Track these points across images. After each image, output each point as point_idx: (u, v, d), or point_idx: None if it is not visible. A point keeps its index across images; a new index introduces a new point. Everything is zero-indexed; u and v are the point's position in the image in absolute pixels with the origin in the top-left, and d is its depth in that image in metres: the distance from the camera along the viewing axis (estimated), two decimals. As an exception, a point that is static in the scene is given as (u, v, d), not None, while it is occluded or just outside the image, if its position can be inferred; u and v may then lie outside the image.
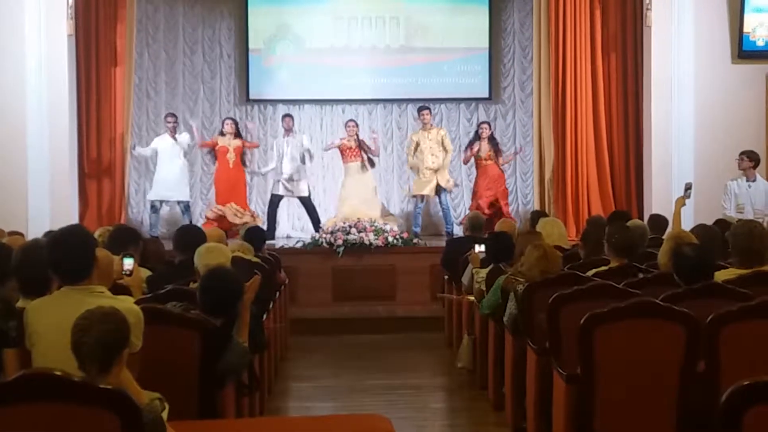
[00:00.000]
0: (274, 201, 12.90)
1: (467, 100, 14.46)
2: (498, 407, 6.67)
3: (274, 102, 14.33)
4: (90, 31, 12.37)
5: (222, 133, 12.77)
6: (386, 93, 14.30)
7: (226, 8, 14.28)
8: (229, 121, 12.84)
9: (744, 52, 11.54)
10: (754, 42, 11.51)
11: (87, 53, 12.36)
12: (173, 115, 12.97)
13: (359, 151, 12.55)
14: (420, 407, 7.31)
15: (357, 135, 12.61)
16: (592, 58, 12.45)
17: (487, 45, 14.17)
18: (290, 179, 12.60)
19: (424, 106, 13.10)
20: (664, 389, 4.44)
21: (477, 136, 12.91)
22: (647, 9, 11.82)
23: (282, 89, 14.26)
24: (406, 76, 14.22)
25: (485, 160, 12.76)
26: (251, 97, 14.24)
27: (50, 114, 11.56)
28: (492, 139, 12.91)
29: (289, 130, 12.76)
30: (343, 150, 12.64)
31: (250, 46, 14.10)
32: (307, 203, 12.84)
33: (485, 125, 13.03)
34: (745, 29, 11.46)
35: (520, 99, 14.40)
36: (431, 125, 12.90)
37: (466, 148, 13.08)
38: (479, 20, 14.16)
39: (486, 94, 14.33)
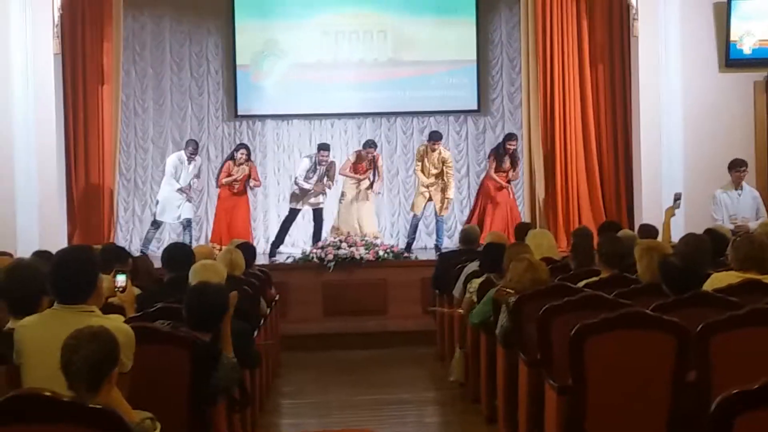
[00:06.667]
0: (293, 215, 12.77)
1: (456, 113, 14.46)
2: (491, 420, 6.66)
3: (262, 117, 14.31)
4: (76, 50, 12.35)
5: (236, 162, 12.54)
6: (375, 107, 14.29)
7: (213, 24, 14.26)
8: (242, 150, 12.69)
9: (731, 60, 11.57)
10: (741, 50, 11.54)
11: (74, 72, 12.34)
12: (195, 143, 12.90)
13: (371, 176, 12.60)
14: (412, 422, 7.31)
15: (374, 158, 12.59)
16: (580, 69, 12.48)
17: (474, 57, 14.18)
18: (315, 194, 12.61)
19: (438, 135, 12.78)
20: (655, 399, 4.44)
21: (504, 151, 12.64)
22: (634, 19, 11.85)
23: (271, 105, 14.25)
24: (394, 90, 14.22)
25: (508, 182, 12.64)
26: (240, 113, 14.20)
27: (38, 133, 11.52)
28: (514, 155, 12.70)
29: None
30: (356, 167, 12.63)
31: (238, 62, 14.08)
32: (320, 215, 12.78)
33: (514, 141, 12.69)
34: (732, 38, 11.48)
35: (509, 110, 14.40)
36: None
37: (490, 158, 12.90)
38: (466, 33, 14.17)
39: (475, 106, 14.33)
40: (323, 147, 12.73)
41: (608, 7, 12.51)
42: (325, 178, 12.58)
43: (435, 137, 12.68)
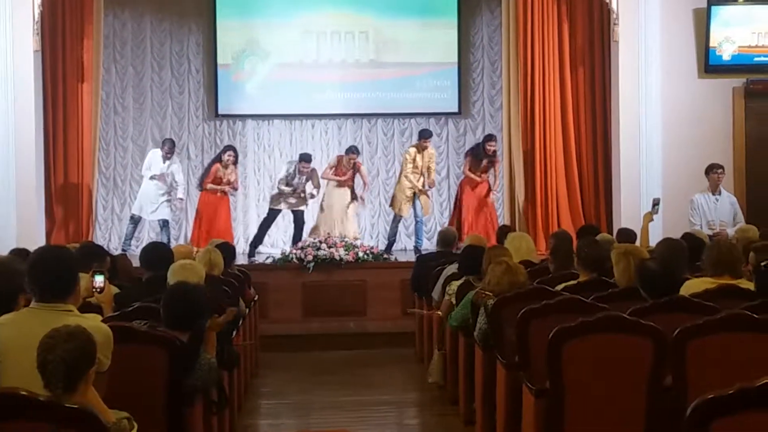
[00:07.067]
0: (273, 215, 12.76)
1: (437, 115, 14.48)
2: (469, 422, 6.67)
3: (243, 117, 14.28)
4: (56, 47, 12.26)
5: (223, 164, 12.51)
6: (356, 108, 14.29)
7: (195, 23, 14.23)
8: (230, 152, 12.64)
9: (711, 66, 11.62)
10: (720, 56, 11.60)
11: (53, 69, 12.25)
12: (172, 142, 12.78)
13: (351, 181, 12.61)
14: (391, 423, 7.32)
15: (355, 164, 12.63)
16: (560, 73, 12.51)
17: (456, 60, 14.21)
18: (295, 198, 12.59)
19: (429, 133, 12.91)
20: (632, 403, 4.46)
21: (483, 152, 12.70)
22: (614, 24, 11.89)
23: (251, 104, 14.23)
24: (375, 91, 14.23)
25: (488, 189, 12.71)
26: (220, 112, 14.17)
27: (17, 130, 11.43)
28: (493, 156, 12.73)
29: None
30: (338, 173, 12.63)
31: (219, 61, 14.05)
32: (300, 217, 12.75)
33: (494, 142, 12.77)
34: (712, 44, 11.55)
35: (489, 113, 14.44)
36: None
37: (467, 158, 12.99)
38: (448, 35, 14.20)
39: (455, 109, 14.36)
40: (305, 158, 12.63)
41: (589, 12, 12.55)
42: (309, 185, 12.54)
43: (425, 135, 12.73)
